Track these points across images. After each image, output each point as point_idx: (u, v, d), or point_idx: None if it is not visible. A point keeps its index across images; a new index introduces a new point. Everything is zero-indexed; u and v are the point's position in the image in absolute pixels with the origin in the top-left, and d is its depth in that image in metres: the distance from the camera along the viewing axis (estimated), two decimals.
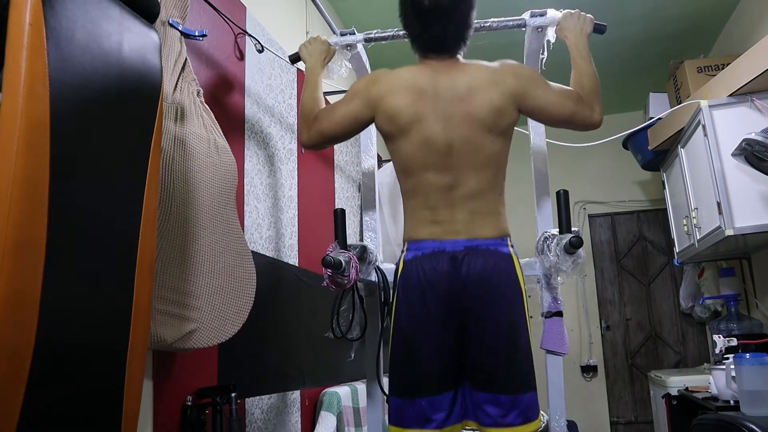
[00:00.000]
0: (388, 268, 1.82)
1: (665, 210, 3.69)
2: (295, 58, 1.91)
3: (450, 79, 1.53)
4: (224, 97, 2.05)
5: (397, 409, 1.46)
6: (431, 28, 1.54)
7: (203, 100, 1.71)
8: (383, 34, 1.85)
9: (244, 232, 2.01)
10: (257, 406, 2.05)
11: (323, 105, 1.69)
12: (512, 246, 1.53)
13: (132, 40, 1.23)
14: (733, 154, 2.37)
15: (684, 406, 2.94)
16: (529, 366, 1.47)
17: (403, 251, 1.55)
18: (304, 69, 1.84)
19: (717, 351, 2.68)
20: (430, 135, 1.50)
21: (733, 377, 2.25)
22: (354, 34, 1.85)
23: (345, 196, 3.17)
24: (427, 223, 1.52)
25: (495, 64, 1.58)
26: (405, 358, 1.48)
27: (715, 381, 2.44)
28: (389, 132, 1.57)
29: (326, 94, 1.90)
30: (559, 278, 1.72)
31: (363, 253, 1.76)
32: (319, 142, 1.66)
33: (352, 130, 1.64)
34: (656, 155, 3.55)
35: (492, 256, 1.47)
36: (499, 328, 1.44)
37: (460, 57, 1.59)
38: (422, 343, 1.45)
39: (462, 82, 1.52)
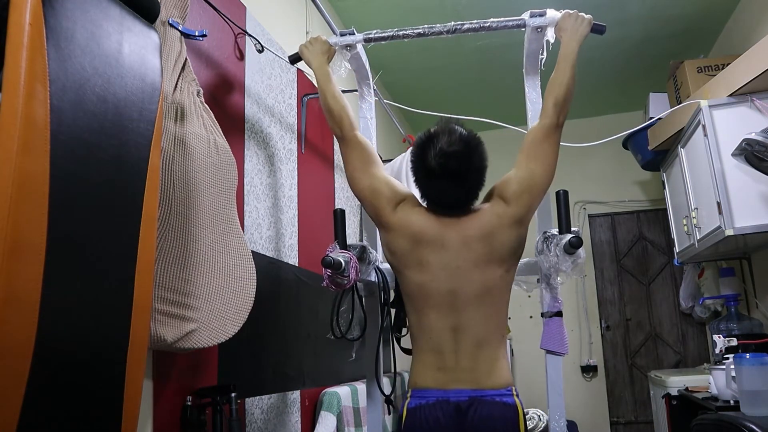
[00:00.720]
0: (388, 268, 1.82)
1: (665, 210, 3.69)
2: (295, 59, 1.91)
3: (459, 233, 1.51)
4: (224, 97, 2.05)
5: None
6: (443, 195, 1.52)
7: (203, 100, 1.71)
8: (383, 35, 1.85)
9: (244, 232, 2.01)
10: (257, 406, 2.05)
11: (343, 98, 1.70)
12: (518, 395, 1.50)
13: (132, 40, 1.23)
14: (733, 154, 2.37)
15: (684, 406, 2.94)
16: None
17: (407, 398, 1.53)
18: (304, 69, 1.84)
19: (717, 351, 2.68)
20: (431, 282, 1.50)
21: (733, 377, 2.25)
22: (354, 34, 1.85)
23: (345, 196, 3.17)
24: (431, 369, 1.50)
25: (492, 204, 1.55)
26: None
27: (715, 381, 2.44)
28: (390, 260, 1.59)
29: None
30: (559, 278, 1.72)
31: (363, 253, 1.76)
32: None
33: None
34: (656, 155, 3.55)
35: (497, 407, 1.46)
36: None
37: None
38: None
39: (470, 235, 1.50)
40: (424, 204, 1.59)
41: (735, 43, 3.41)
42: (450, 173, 1.48)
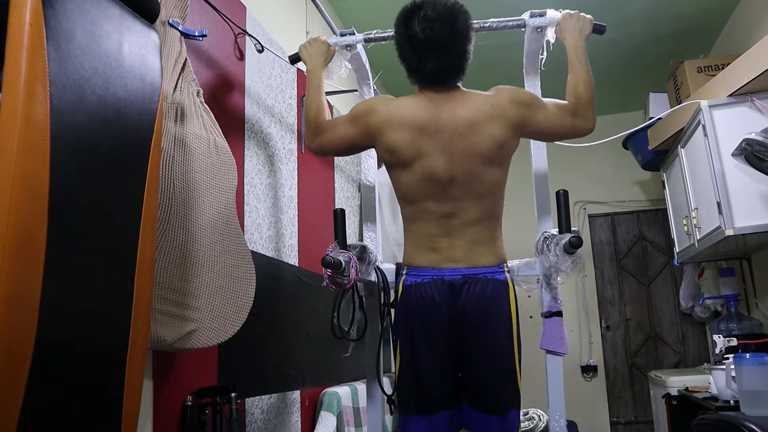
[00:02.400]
0: (388, 268, 1.82)
1: (665, 210, 3.69)
2: (295, 59, 1.91)
3: (451, 113, 1.53)
4: (224, 97, 2.05)
5: (404, 424, 1.56)
6: (428, 62, 1.53)
7: (203, 100, 1.71)
8: (383, 35, 1.85)
9: (244, 232, 2.01)
10: (257, 406, 2.05)
11: (326, 111, 1.72)
12: (509, 271, 1.57)
13: (132, 40, 1.23)
14: (733, 154, 2.37)
15: (684, 406, 2.94)
16: (516, 388, 1.55)
17: (402, 275, 1.58)
18: (304, 69, 1.84)
19: (717, 351, 2.68)
20: (432, 170, 1.52)
21: (733, 377, 2.25)
22: (354, 34, 1.85)
23: (345, 196, 3.17)
24: (426, 250, 1.56)
25: (492, 93, 1.58)
26: (409, 382, 1.55)
27: (715, 381, 2.44)
28: (389, 163, 1.60)
29: (327, 94, 1.90)
30: (558, 278, 1.72)
31: (363, 253, 1.76)
32: (321, 154, 1.74)
33: (351, 152, 1.72)
34: (656, 155, 3.54)
35: (489, 284, 1.52)
36: (493, 358, 1.52)
37: (459, 85, 1.60)
38: (424, 368, 1.52)
39: (463, 117, 1.52)
40: (415, 88, 1.61)
41: (735, 43, 3.41)
42: (435, 39, 1.49)
